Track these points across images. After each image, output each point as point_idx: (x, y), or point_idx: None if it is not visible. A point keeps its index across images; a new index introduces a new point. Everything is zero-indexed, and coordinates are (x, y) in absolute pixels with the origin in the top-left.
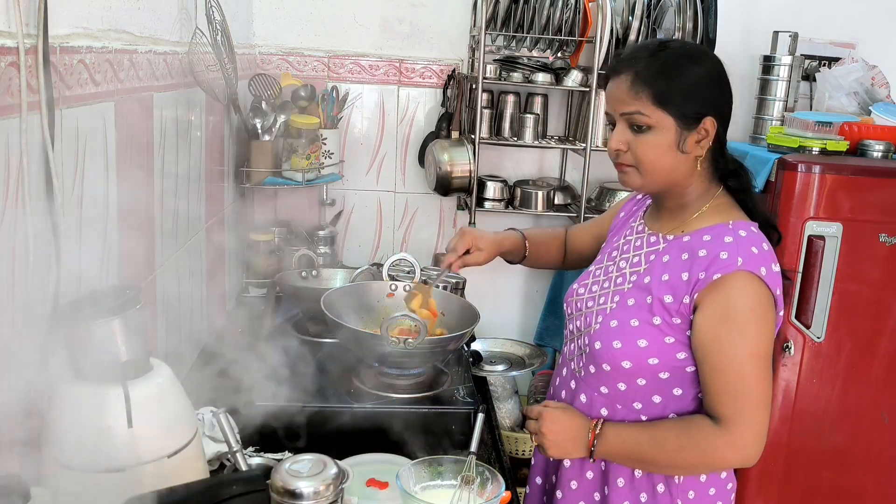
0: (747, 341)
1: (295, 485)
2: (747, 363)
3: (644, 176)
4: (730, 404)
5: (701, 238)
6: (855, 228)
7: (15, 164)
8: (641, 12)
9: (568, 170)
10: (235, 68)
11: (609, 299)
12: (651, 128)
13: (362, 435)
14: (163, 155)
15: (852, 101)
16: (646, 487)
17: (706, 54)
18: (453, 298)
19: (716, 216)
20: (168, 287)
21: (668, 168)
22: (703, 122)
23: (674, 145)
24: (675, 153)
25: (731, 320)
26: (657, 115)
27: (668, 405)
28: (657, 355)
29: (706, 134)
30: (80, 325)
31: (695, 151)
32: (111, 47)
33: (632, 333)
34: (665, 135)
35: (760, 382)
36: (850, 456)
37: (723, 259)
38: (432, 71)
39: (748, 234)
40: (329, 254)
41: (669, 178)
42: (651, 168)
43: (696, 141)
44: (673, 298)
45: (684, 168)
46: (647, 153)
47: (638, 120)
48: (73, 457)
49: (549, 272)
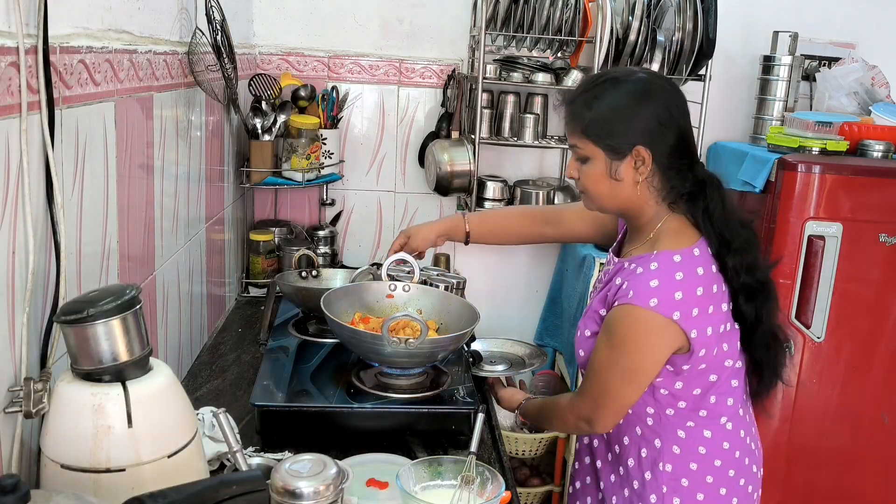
0: (615, 354)
1: (295, 485)
2: (610, 365)
3: (591, 201)
4: (584, 385)
5: (630, 266)
6: (855, 228)
7: (15, 164)
8: (641, 12)
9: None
10: (235, 68)
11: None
12: (588, 158)
13: (362, 435)
14: (163, 155)
15: (852, 101)
16: (637, 475)
17: (628, 80)
18: (453, 298)
19: (655, 244)
20: (168, 287)
21: (607, 194)
22: (634, 150)
23: (605, 174)
24: (608, 181)
25: (605, 331)
26: (588, 147)
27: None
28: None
29: (642, 161)
30: (80, 325)
31: (632, 178)
32: (111, 47)
33: (583, 343)
34: (597, 164)
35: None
36: (850, 456)
37: (623, 289)
38: (432, 71)
39: (660, 266)
40: (329, 254)
41: (615, 204)
42: (592, 194)
43: (631, 167)
44: (606, 311)
45: (625, 193)
46: (586, 182)
47: (576, 152)
48: (73, 457)
49: (549, 272)
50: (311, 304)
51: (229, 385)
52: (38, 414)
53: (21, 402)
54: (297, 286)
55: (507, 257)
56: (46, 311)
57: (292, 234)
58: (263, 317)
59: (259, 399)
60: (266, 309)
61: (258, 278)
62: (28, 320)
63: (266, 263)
